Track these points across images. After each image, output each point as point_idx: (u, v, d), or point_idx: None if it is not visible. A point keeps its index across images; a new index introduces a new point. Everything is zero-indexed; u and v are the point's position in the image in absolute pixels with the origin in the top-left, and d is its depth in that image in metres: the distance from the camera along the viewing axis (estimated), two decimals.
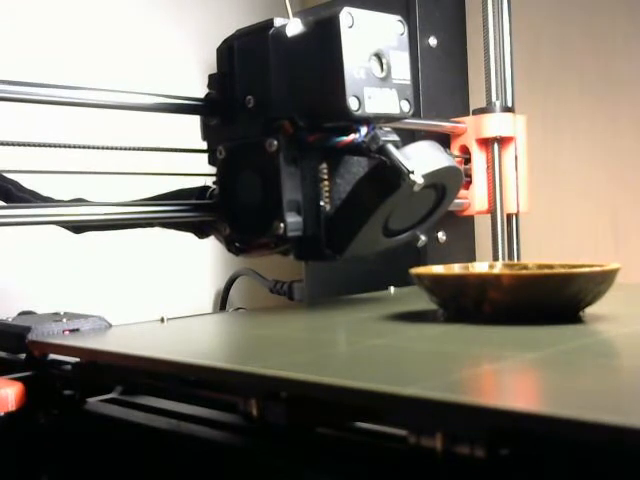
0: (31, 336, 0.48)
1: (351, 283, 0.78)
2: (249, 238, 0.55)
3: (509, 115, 0.77)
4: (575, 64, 0.91)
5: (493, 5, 0.77)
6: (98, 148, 0.55)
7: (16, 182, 0.56)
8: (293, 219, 0.52)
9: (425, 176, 0.49)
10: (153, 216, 0.55)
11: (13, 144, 0.51)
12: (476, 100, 0.81)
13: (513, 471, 0.27)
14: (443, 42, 0.81)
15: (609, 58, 0.89)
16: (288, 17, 0.52)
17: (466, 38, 0.84)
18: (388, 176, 0.50)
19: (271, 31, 0.52)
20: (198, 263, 1.01)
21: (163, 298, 0.95)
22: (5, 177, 0.56)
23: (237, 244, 0.57)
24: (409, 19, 0.53)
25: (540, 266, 0.50)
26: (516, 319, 0.43)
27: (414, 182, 0.48)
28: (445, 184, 0.54)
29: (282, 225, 0.52)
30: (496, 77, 0.77)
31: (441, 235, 0.80)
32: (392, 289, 0.66)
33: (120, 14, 0.93)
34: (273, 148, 0.51)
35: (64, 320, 0.51)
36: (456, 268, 0.53)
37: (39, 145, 0.53)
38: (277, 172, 0.52)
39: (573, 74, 0.91)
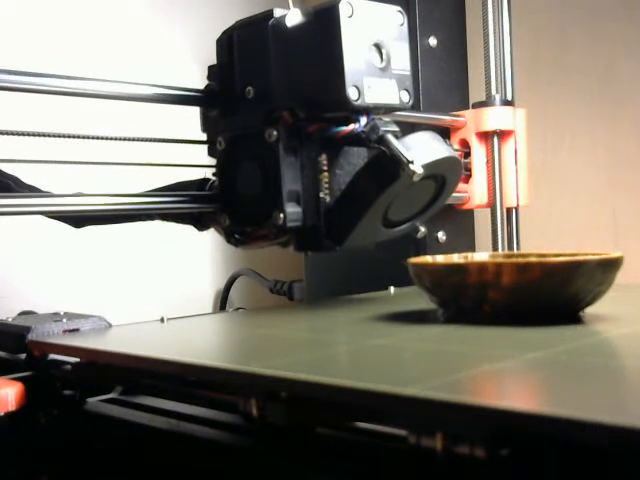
0: (31, 336, 0.48)
1: (351, 283, 0.78)
2: (249, 229, 0.55)
3: (509, 109, 0.77)
4: (575, 61, 0.91)
5: (493, 0, 0.77)
6: (97, 138, 0.55)
7: (16, 177, 0.56)
8: (293, 209, 0.52)
9: (425, 166, 0.49)
10: (153, 207, 0.55)
11: (9, 133, 0.52)
12: (476, 97, 0.81)
13: (513, 471, 0.27)
14: (443, 42, 0.81)
15: (609, 55, 0.89)
16: (288, 8, 0.52)
17: (466, 38, 0.84)
18: (388, 166, 0.50)
19: (271, 22, 0.52)
20: (198, 263, 1.01)
21: (163, 298, 0.95)
22: (5, 172, 0.56)
23: (236, 236, 0.57)
24: (409, 19, 0.53)
25: (539, 255, 0.50)
26: (516, 319, 0.43)
27: (414, 172, 0.48)
28: (445, 175, 0.54)
29: (282, 215, 0.52)
30: (496, 70, 0.77)
31: (441, 235, 0.80)
32: (392, 289, 0.66)
33: (120, 8, 0.93)
34: (273, 138, 0.51)
35: (64, 320, 0.51)
36: (455, 258, 0.53)
37: (36, 135, 0.53)
38: (277, 162, 0.52)
39: (573, 71, 0.91)
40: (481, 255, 0.57)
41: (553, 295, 0.43)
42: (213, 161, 0.57)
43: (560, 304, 0.44)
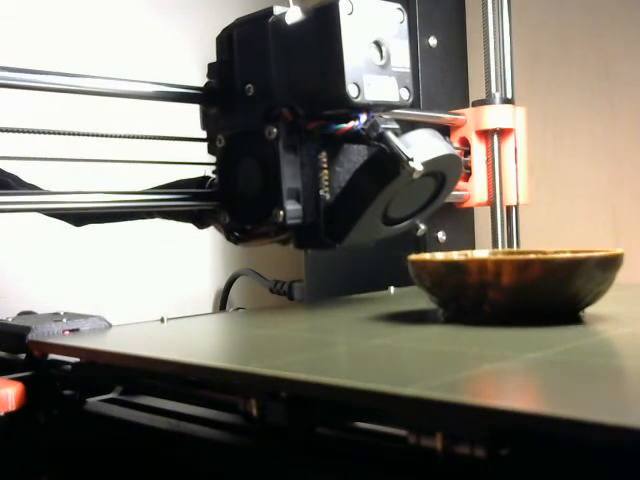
0: (31, 336, 0.48)
1: (351, 283, 0.78)
2: (249, 227, 0.55)
3: (509, 107, 0.77)
4: (575, 59, 0.91)
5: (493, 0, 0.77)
6: (96, 136, 0.55)
7: (16, 176, 0.56)
8: (293, 207, 0.52)
9: (424, 164, 0.49)
10: (153, 204, 0.55)
11: (9, 131, 0.52)
12: (476, 96, 0.81)
13: (513, 471, 0.27)
14: (443, 42, 0.81)
15: (609, 53, 0.89)
16: (288, 5, 0.52)
17: (466, 37, 0.84)
18: (387, 164, 0.50)
19: (270, 19, 0.52)
20: (198, 263, 1.01)
21: (163, 298, 0.95)
22: (4, 171, 0.56)
23: (236, 233, 0.57)
24: (409, 19, 0.53)
25: (538, 252, 0.49)
26: (516, 319, 0.43)
27: (413, 169, 0.48)
28: (445, 172, 0.54)
29: (281, 213, 0.52)
30: (496, 69, 0.77)
31: (441, 235, 0.80)
32: (392, 289, 0.66)
33: (120, 6, 0.93)
34: (272, 136, 0.51)
35: (64, 320, 0.51)
36: (455, 255, 0.53)
37: (35, 132, 0.53)
38: (277, 160, 0.52)
39: (574, 69, 0.91)
40: (481, 252, 0.57)
41: (553, 295, 0.43)
42: (213, 159, 0.57)
43: (560, 304, 0.44)
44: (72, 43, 0.88)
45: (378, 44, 0.51)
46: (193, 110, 0.58)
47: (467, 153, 0.78)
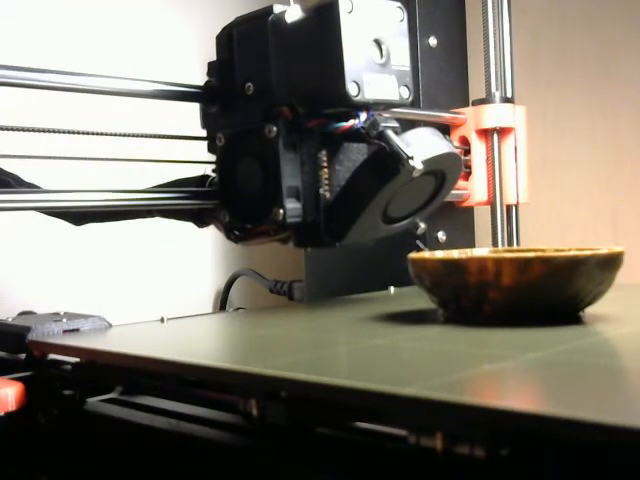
0: (31, 336, 0.48)
1: (351, 283, 0.78)
2: (249, 225, 0.55)
3: (509, 106, 0.77)
4: (576, 59, 0.91)
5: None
6: (96, 134, 0.55)
7: (16, 175, 0.56)
8: (292, 205, 0.52)
9: (424, 162, 0.49)
10: (152, 203, 0.55)
11: (8, 129, 0.52)
12: (476, 95, 0.81)
13: (513, 471, 0.27)
14: (443, 42, 0.81)
15: (610, 53, 0.89)
16: (288, 4, 0.52)
17: (466, 37, 0.84)
18: (387, 162, 0.50)
19: (270, 18, 0.52)
20: (198, 263, 1.01)
21: (163, 298, 0.95)
22: (4, 170, 0.56)
23: (236, 232, 0.57)
24: (409, 19, 0.53)
25: (538, 250, 0.49)
26: (516, 319, 0.43)
27: (413, 168, 0.48)
28: (445, 171, 0.54)
29: (281, 211, 0.52)
30: (495, 68, 0.77)
31: (441, 234, 0.80)
32: (392, 289, 0.66)
33: (119, 4, 0.93)
34: (272, 134, 0.52)
35: (64, 320, 0.51)
36: (455, 253, 0.53)
37: (34, 130, 0.53)
38: (276, 158, 0.52)
39: (573, 69, 0.91)
40: (481, 251, 0.57)
41: (554, 294, 0.43)
42: (213, 157, 0.57)
43: (560, 304, 0.44)
44: (73, 42, 0.88)
45: (378, 43, 0.51)
46: (193, 109, 0.58)
47: (467, 152, 0.78)
